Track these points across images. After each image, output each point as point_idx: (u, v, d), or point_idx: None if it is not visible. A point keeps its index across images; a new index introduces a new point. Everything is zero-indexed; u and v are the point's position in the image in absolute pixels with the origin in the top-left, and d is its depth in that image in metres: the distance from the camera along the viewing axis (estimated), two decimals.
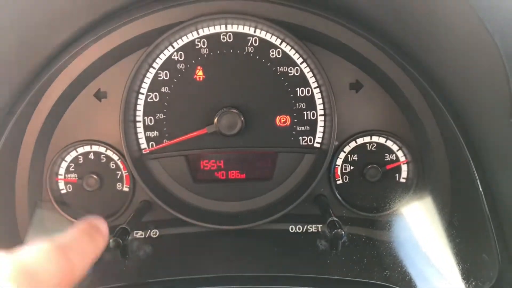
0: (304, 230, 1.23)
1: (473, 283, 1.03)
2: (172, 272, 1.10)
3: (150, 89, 1.30)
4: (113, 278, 1.07)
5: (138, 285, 1.06)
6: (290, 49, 1.29)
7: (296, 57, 1.29)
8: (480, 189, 1.08)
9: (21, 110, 1.18)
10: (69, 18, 1.15)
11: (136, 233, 1.23)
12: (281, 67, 1.30)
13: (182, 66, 1.29)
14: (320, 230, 1.23)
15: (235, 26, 1.27)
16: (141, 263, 1.12)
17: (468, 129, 1.13)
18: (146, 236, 1.22)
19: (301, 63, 1.30)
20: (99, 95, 1.31)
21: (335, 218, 1.12)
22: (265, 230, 1.26)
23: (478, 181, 1.09)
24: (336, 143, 1.30)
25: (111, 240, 1.05)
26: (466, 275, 1.06)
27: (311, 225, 1.24)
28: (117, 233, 1.08)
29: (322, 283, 0.99)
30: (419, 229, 1.28)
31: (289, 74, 1.30)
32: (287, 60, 1.29)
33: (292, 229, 1.24)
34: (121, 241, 1.05)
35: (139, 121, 1.32)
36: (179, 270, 1.10)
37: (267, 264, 1.09)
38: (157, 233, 1.23)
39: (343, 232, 1.06)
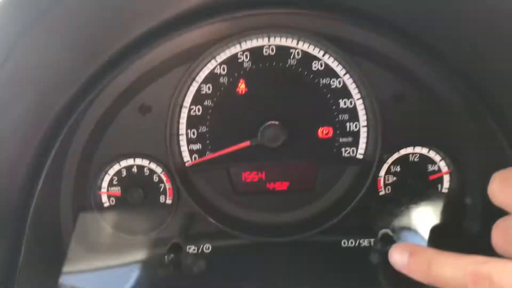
0: (356, 245, 1.23)
1: None
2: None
3: (193, 103, 1.31)
4: None
5: None
6: (333, 61, 1.29)
7: (339, 68, 1.29)
8: None
9: (69, 125, 1.19)
10: (116, 35, 1.16)
11: (189, 248, 1.24)
12: (324, 79, 1.30)
13: (225, 79, 1.30)
14: (372, 244, 1.23)
15: (277, 39, 1.27)
16: (193, 279, 1.12)
17: None
18: (199, 251, 1.23)
19: (343, 75, 1.30)
20: (143, 109, 1.31)
21: (387, 231, 1.13)
22: (315, 242, 1.26)
23: None
24: (385, 156, 1.30)
25: (166, 256, 1.06)
26: None
27: (363, 239, 1.24)
28: (171, 249, 1.09)
29: None
30: (464, 239, 1.28)
31: (332, 86, 1.30)
32: (329, 72, 1.29)
33: (344, 244, 1.24)
34: (175, 256, 1.06)
35: (182, 134, 1.33)
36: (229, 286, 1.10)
37: (320, 279, 1.09)
38: (210, 248, 1.24)
39: None
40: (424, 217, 1.34)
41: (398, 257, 0.96)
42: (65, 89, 1.15)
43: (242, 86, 1.31)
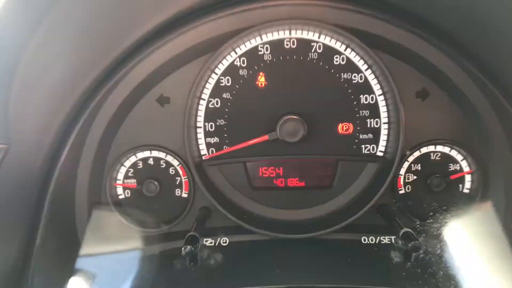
0: (376, 242, 1.20)
1: None
2: (237, 283, 1.07)
3: (212, 95, 1.29)
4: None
5: None
6: (355, 56, 1.26)
7: (360, 63, 1.27)
8: None
9: (87, 114, 1.18)
10: (135, 24, 1.15)
11: (206, 241, 1.22)
12: (345, 74, 1.28)
13: (244, 72, 1.28)
14: (393, 241, 1.20)
15: (299, 32, 1.26)
16: (207, 272, 1.10)
17: None
18: (216, 244, 1.20)
19: (365, 70, 1.27)
20: (162, 101, 1.30)
21: (409, 230, 1.10)
22: (334, 240, 1.23)
23: None
24: (408, 152, 1.27)
25: (183, 248, 1.04)
26: None
27: (384, 236, 1.21)
28: (187, 241, 1.07)
29: None
30: (485, 241, 1.24)
31: (353, 81, 1.28)
32: (351, 66, 1.27)
33: (364, 240, 1.21)
34: (193, 248, 1.04)
35: (200, 127, 1.31)
36: (245, 281, 1.08)
37: (339, 275, 1.06)
38: (227, 242, 1.21)
39: (420, 244, 1.03)
40: (445, 217, 1.30)
41: None
42: (81, 79, 1.14)
43: (261, 79, 1.29)
